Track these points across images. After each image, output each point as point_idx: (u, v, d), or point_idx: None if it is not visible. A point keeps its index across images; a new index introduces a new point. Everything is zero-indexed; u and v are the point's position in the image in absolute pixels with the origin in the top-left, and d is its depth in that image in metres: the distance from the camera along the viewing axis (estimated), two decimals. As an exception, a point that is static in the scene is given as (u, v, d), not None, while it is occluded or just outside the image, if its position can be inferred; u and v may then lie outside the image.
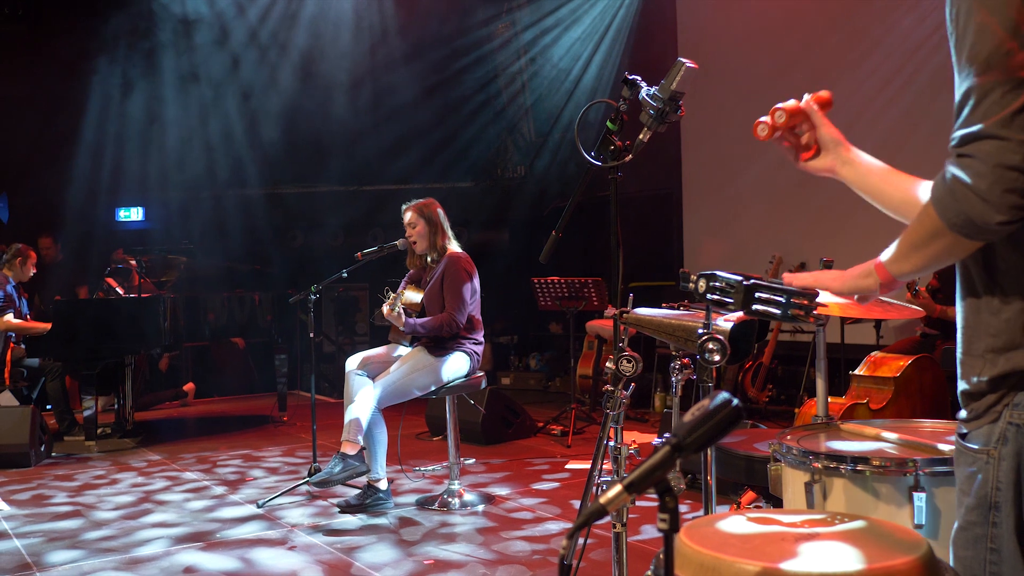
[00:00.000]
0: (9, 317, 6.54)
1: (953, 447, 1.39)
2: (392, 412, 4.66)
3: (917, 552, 1.26)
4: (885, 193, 1.55)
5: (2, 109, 9.05)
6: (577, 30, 9.44)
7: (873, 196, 1.57)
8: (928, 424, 2.26)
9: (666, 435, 1.24)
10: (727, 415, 1.11)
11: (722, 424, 1.11)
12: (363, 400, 4.44)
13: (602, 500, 1.10)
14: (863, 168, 1.58)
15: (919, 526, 1.83)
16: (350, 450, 4.36)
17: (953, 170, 1.20)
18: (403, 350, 4.70)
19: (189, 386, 8.76)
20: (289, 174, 10.30)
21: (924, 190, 1.50)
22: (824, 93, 1.61)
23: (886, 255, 1.40)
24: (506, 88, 10.46)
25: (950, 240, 1.24)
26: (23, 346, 6.76)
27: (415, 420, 6.52)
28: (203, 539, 4.13)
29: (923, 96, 6.19)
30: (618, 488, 1.09)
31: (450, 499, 4.61)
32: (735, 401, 1.11)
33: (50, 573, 3.67)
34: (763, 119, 1.61)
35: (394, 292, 4.55)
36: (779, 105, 1.60)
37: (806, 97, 1.61)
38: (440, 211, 4.77)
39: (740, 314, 2.01)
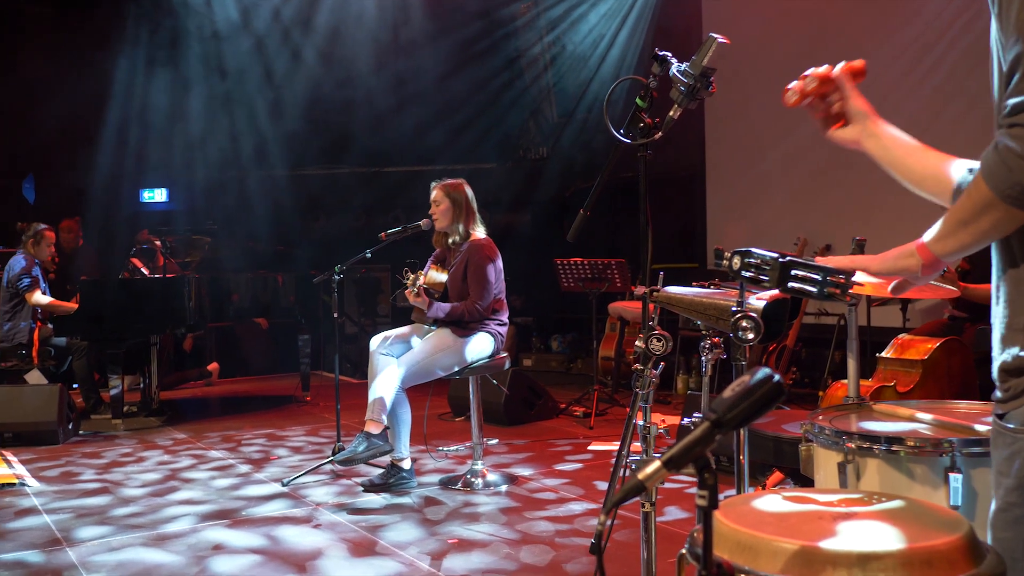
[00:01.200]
0: (37, 295, 6.62)
1: (989, 428, 1.37)
2: (418, 392, 4.67)
3: (959, 531, 1.24)
4: (908, 167, 1.52)
5: (28, 91, 9.12)
6: (601, 8, 9.35)
7: (896, 170, 1.54)
8: (963, 405, 2.22)
9: (695, 415, 1.22)
10: (768, 391, 1.09)
11: (763, 400, 1.09)
12: (387, 379, 4.44)
13: (640, 476, 1.09)
14: (888, 141, 1.55)
15: (955, 507, 1.80)
16: (374, 429, 4.37)
17: (1005, 140, 1.17)
18: (428, 329, 4.69)
19: (213, 366, 8.82)
20: (312, 155, 10.31)
21: (952, 166, 1.47)
22: (858, 63, 1.59)
23: (929, 235, 1.36)
24: (528, 68, 10.39)
25: (1001, 213, 1.22)
26: (51, 325, 6.85)
27: (438, 401, 6.54)
28: (229, 516, 4.16)
29: (956, 72, 6.08)
30: (657, 464, 1.08)
31: (473, 479, 4.62)
32: (776, 377, 1.09)
33: (79, 548, 3.72)
34: (792, 85, 1.59)
35: (413, 273, 4.51)
36: (810, 71, 1.58)
37: (840, 65, 1.58)
38: (468, 192, 4.74)
39: (773, 292, 1.98)
